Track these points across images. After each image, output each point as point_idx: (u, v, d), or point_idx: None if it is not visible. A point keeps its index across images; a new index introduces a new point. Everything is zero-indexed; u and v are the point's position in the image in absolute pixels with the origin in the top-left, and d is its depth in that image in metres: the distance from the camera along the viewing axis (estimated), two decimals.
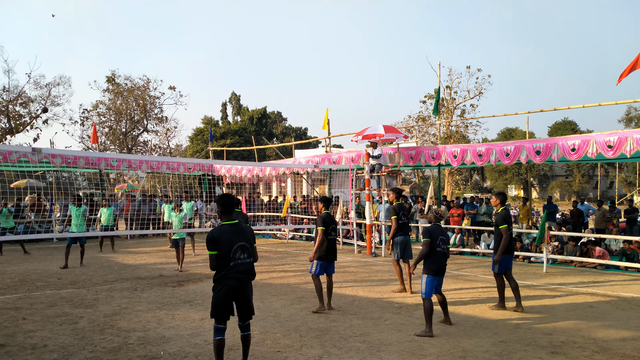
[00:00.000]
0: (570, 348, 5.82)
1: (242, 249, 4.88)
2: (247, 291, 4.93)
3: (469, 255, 14.61)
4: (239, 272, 4.83)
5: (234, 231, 4.90)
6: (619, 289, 9.58)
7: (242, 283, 4.85)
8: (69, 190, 21.47)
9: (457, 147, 15.22)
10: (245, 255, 4.90)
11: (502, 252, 7.54)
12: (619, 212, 16.89)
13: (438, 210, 6.94)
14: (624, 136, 11.40)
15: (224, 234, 4.84)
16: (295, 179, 27.72)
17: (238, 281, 4.82)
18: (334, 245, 7.85)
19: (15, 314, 7.32)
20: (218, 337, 4.86)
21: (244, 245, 4.90)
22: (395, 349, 5.78)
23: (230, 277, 4.80)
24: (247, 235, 4.98)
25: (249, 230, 5.07)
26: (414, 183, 43.51)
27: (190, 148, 51.25)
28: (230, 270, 4.80)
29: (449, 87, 32.48)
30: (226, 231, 4.87)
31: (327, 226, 7.69)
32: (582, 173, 58.89)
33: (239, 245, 4.86)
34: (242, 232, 4.95)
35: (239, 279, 4.82)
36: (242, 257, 4.88)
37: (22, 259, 13.77)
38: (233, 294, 4.83)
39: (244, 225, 5.10)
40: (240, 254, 4.86)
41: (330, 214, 7.91)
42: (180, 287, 9.50)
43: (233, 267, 4.81)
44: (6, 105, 31.15)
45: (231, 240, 4.83)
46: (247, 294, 4.93)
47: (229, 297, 4.82)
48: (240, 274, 4.83)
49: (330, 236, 7.73)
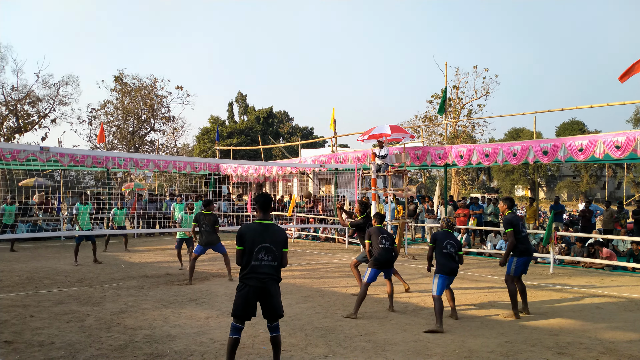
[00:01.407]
0: (576, 349, 5.80)
1: (266, 250, 4.76)
2: (272, 291, 4.77)
3: (475, 255, 14.57)
4: (259, 273, 4.73)
5: (262, 231, 4.82)
6: (626, 290, 9.53)
7: (264, 283, 4.73)
8: (76, 189, 21.61)
9: (464, 147, 15.17)
10: (269, 257, 4.77)
11: (507, 255, 7.51)
12: (627, 213, 16.78)
13: (450, 219, 7.37)
14: (632, 136, 11.32)
15: (250, 232, 4.80)
16: (301, 178, 27.74)
17: (260, 281, 4.72)
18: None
19: (22, 312, 7.37)
20: (234, 336, 4.78)
21: (268, 247, 4.77)
22: (400, 348, 5.77)
23: (251, 277, 4.73)
24: (275, 237, 4.85)
25: (279, 233, 4.93)
26: (420, 183, 43.45)
27: (197, 147, 51.37)
28: (252, 270, 4.74)
29: (455, 86, 32.35)
30: (253, 229, 4.83)
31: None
32: (590, 173, 58.53)
33: (262, 246, 4.75)
34: (271, 234, 4.84)
35: (261, 279, 4.73)
36: (266, 259, 4.76)
37: (30, 257, 13.87)
38: (255, 294, 4.74)
39: (276, 227, 4.98)
40: (263, 255, 4.75)
41: (381, 227, 8.00)
42: (186, 286, 9.54)
43: (254, 267, 4.73)
44: (15, 105, 31.36)
45: (254, 240, 4.76)
46: (272, 293, 4.77)
47: (251, 297, 4.73)
48: (262, 275, 4.73)
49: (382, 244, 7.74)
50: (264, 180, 26.85)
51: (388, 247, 7.61)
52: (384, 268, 7.59)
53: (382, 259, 7.50)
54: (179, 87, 37.68)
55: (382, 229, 7.85)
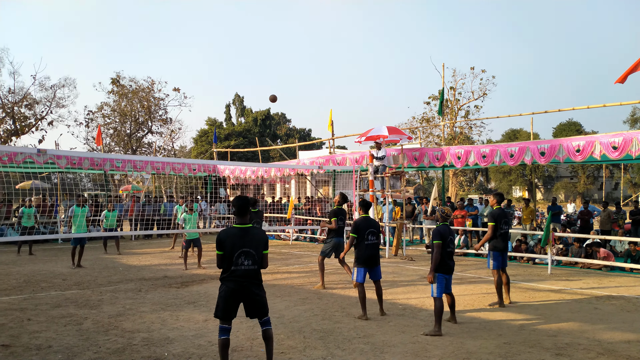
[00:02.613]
0: (574, 350, 5.80)
1: (245, 254, 4.77)
2: (252, 292, 4.81)
3: (473, 256, 14.58)
4: (239, 276, 4.76)
5: (241, 235, 4.81)
6: (624, 291, 9.54)
7: (243, 286, 4.77)
8: (73, 192, 21.57)
9: (461, 148, 15.21)
10: (249, 261, 4.78)
11: (482, 244, 8.51)
12: (624, 214, 16.82)
13: (444, 210, 6.97)
14: (629, 137, 11.36)
15: (229, 237, 4.79)
16: (299, 180, 27.73)
17: (239, 284, 4.77)
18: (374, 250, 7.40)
19: (20, 315, 7.35)
20: (222, 337, 4.81)
21: (248, 252, 4.77)
22: (399, 350, 5.77)
23: (231, 280, 4.78)
24: (255, 241, 4.85)
25: (258, 236, 4.92)
26: (418, 184, 43.38)
27: (195, 149, 51.34)
28: (232, 274, 4.77)
29: (453, 88, 32.43)
30: (232, 234, 4.81)
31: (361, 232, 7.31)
32: (587, 174, 58.60)
33: (242, 251, 4.76)
34: (250, 238, 4.83)
35: (239, 282, 4.77)
36: (246, 263, 4.77)
37: (27, 260, 13.82)
38: (235, 295, 4.78)
39: (256, 230, 4.96)
40: (243, 260, 4.76)
41: (368, 218, 7.50)
42: (184, 288, 9.52)
43: (234, 272, 4.76)
44: (12, 107, 31.29)
45: (234, 245, 4.76)
46: (253, 294, 4.82)
47: (230, 298, 4.78)
48: (240, 279, 4.76)
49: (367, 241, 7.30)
50: (261, 182, 26.84)
51: (374, 243, 7.29)
52: (370, 266, 7.28)
53: (366, 256, 7.21)
54: (176, 89, 37.71)
55: (370, 221, 7.40)
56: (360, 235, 7.28)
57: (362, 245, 7.26)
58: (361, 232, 7.27)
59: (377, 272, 7.41)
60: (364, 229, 7.27)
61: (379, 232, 7.49)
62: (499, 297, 8.12)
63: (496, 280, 8.17)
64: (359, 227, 7.30)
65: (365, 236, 7.24)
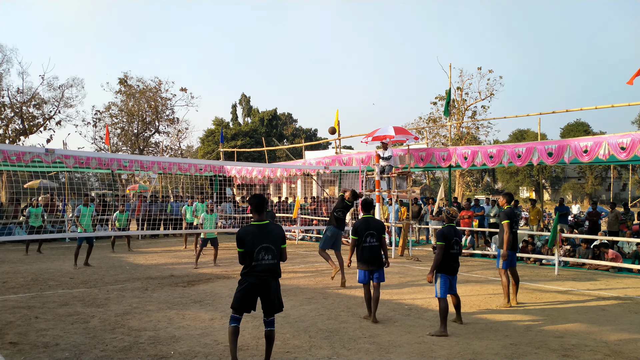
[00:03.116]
0: (581, 351, 5.77)
1: (265, 250, 4.98)
2: (271, 286, 5.02)
3: (479, 257, 14.54)
4: (260, 271, 4.96)
5: (259, 232, 5.01)
6: (632, 292, 9.48)
7: (263, 280, 4.97)
8: (81, 191, 21.69)
9: (468, 148, 15.16)
10: (269, 256, 4.99)
11: (507, 247, 8.01)
12: (633, 215, 16.71)
13: (450, 210, 6.94)
14: (637, 138, 11.28)
15: (248, 235, 5.00)
16: (305, 180, 27.75)
17: (260, 279, 4.96)
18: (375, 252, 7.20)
19: (27, 313, 7.40)
20: (232, 325, 5.02)
21: (267, 247, 4.99)
22: (404, 350, 5.76)
23: (252, 275, 4.98)
24: (273, 236, 5.05)
25: (276, 232, 5.13)
26: (424, 184, 43.30)
27: (201, 149, 51.52)
28: (253, 269, 4.97)
29: (459, 88, 32.33)
30: (251, 232, 5.01)
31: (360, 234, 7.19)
32: (595, 175, 58.26)
33: (262, 247, 4.97)
34: (268, 234, 5.03)
35: (260, 277, 4.96)
36: (267, 258, 4.98)
37: (35, 258, 13.92)
38: (255, 289, 4.99)
39: (273, 226, 5.17)
40: (263, 255, 4.97)
41: (368, 219, 7.30)
42: (190, 287, 9.56)
43: (255, 267, 4.96)
44: (20, 107, 31.52)
45: (254, 241, 4.96)
46: (271, 289, 5.02)
47: (250, 292, 4.98)
48: (262, 273, 4.97)
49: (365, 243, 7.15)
50: (267, 182, 26.87)
51: (372, 245, 7.10)
52: (371, 268, 7.10)
53: (365, 258, 7.09)
54: (183, 89, 37.77)
55: (369, 223, 7.22)
56: (359, 237, 7.18)
57: (360, 247, 7.18)
58: (360, 234, 7.17)
59: (379, 275, 7.17)
60: (362, 231, 7.15)
61: (381, 233, 7.22)
62: (506, 297, 8.13)
63: (508, 282, 8.17)
64: (357, 229, 7.20)
65: (364, 238, 7.13)
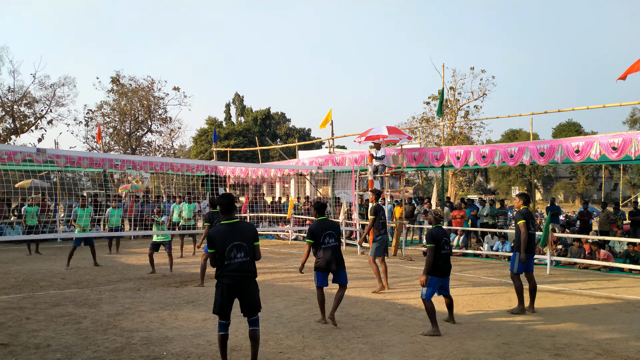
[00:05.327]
0: (573, 350, 5.80)
1: (237, 248, 4.92)
2: (247, 288, 4.96)
3: (472, 256, 14.59)
4: (233, 270, 4.90)
5: (229, 231, 4.97)
6: (623, 292, 9.55)
7: (237, 281, 4.91)
8: (73, 191, 21.54)
9: (461, 148, 15.20)
10: (241, 254, 4.93)
11: (524, 249, 7.57)
12: (624, 214, 16.82)
13: (437, 211, 6.95)
14: (629, 138, 11.36)
15: (219, 234, 4.95)
16: (298, 179, 27.73)
17: (234, 279, 4.91)
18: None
19: (19, 314, 7.34)
20: (221, 332, 5.02)
21: (239, 245, 4.93)
22: (397, 350, 5.77)
23: (225, 276, 4.92)
24: (244, 234, 4.99)
25: (247, 229, 5.08)
26: (417, 184, 43.40)
27: (194, 149, 51.34)
28: (225, 269, 4.92)
29: (452, 88, 32.43)
30: (221, 231, 4.97)
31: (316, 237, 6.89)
32: (587, 175, 58.66)
33: (233, 245, 4.91)
34: (239, 232, 4.98)
35: (234, 277, 4.90)
36: (239, 256, 4.92)
37: (27, 259, 13.82)
38: (230, 291, 4.93)
39: (244, 224, 5.14)
40: (235, 253, 4.91)
41: (325, 220, 7.01)
42: (183, 288, 9.52)
43: (227, 266, 4.91)
44: (11, 106, 31.28)
45: (225, 240, 4.91)
46: (247, 290, 4.96)
47: (226, 295, 4.92)
48: (235, 273, 4.90)
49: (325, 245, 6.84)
50: (261, 182, 26.82)
51: (332, 245, 6.81)
52: (330, 270, 6.83)
53: (324, 260, 6.77)
54: (176, 88, 37.66)
55: (325, 224, 6.92)
56: (316, 240, 6.83)
57: (319, 250, 6.83)
58: (317, 236, 6.82)
59: (342, 277, 6.93)
60: (319, 233, 6.81)
61: (339, 233, 7.04)
62: (520, 302, 7.66)
63: (522, 286, 7.72)
64: (313, 232, 6.85)
65: (322, 240, 6.80)
